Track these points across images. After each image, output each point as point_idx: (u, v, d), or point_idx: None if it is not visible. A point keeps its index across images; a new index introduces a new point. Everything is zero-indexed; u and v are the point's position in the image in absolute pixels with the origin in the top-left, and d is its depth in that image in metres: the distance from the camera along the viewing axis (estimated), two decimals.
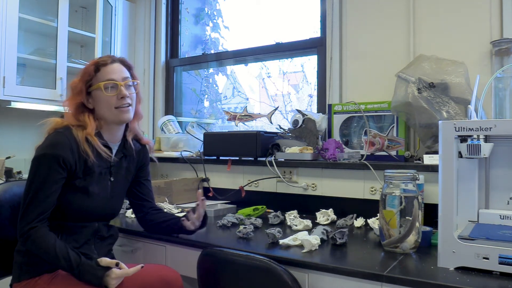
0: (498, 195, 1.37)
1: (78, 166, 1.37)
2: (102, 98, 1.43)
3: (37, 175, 1.32)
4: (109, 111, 1.44)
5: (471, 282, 1.06)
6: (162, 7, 3.00)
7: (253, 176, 2.26)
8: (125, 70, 1.48)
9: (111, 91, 1.43)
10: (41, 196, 1.31)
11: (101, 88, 1.42)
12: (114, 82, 1.43)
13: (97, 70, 1.43)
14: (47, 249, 1.28)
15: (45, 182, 1.31)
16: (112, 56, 1.49)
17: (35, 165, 1.33)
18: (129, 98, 1.45)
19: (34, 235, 1.29)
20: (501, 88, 1.70)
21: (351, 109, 2.05)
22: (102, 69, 1.43)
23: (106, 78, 1.42)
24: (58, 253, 1.28)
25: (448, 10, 1.94)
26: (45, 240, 1.29)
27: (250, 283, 1.29)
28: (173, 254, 1.62)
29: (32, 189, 1.31)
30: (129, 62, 1.52)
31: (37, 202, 1.31)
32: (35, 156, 1.34)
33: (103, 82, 1.42)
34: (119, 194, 1.55)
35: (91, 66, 1.44)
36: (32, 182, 1.32)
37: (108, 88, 1.42)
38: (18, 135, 2.67)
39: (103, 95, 1.42)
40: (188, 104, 3.13)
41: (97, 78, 1.43)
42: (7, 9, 2.28)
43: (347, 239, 1.45)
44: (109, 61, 1.45)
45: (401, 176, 1.38)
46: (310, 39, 2.43)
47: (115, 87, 1.43)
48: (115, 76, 1.43)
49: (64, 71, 2.55)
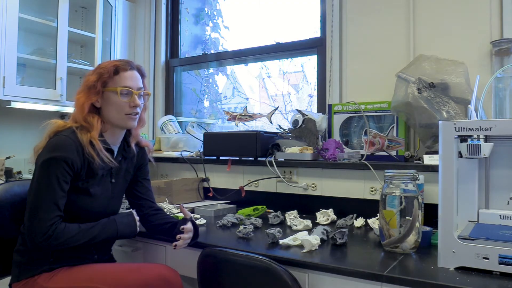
0: (498, 195, 1.37)
1: (83, 168, 1.39)
2: (115, 102, 1.44)
3: (50, 178, 1.31)
4: (118, 115, 1.45)
5: (471, 282, 1.06)
6: (162, 7, 3.00)
7: (253, 176, 2.26)
8: (140, 79, 1.50)
9: (125, 97, 1.44)
10: (55, 199, 1.31)
11: (117, 92, 1.43)
12: (130, 90, 1.44)
13: (116, 73, 1.44)
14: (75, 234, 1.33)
15: (59, 184, 1.32)
16: (131, 62, 1.50)
17: (46, 169, 1.32)
18: (139, 108, 1.48)
19: (56, 230, 1.29)
20: (501, 88, 1.70)
21: (351, 109, 2.05)
22: (122, 73, 1.44)
23: (123, 84, 1.44)
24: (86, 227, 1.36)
25: (448, 10, 1.94)
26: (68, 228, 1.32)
27: (250, 283, 1.29)
28: (173, 254, 1.62)
29: (45, 193, 1.31)
30: (144, 71, 1.54)
31: (53, 205, 1.31)
32: (44, 160, 1.33)
33: (121, 88, 1.43)
34: (118, 194, 1.57)
35: (111, 67, 1.44)
36: (44, 186, 1.31)
37: (124, 94, 1.44)
38: (18, 135, 2.67)
39: (117, 100, 1.43)
40: (188, 104, 3.13)
41: (114, 81, 1.44)
42: (7, 9, 2.28)
43: (347, 239, 1.45)
44: (128, 67, 1.46)
45: (401, 176, 1.38)
46: (310, 39, 2.43)
47: (129, 94, 1.45)
48: (132, 83, 1.45)
49: (64, 71, 2.55)
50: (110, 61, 1.49)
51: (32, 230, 1.29)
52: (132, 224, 1.47)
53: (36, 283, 1.35)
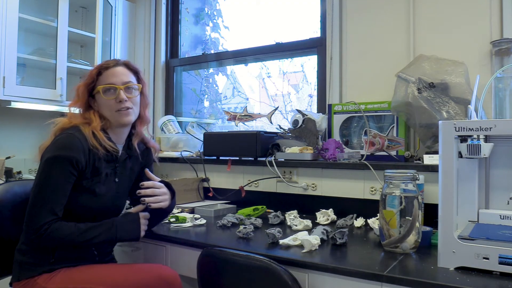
0: (498, 195, 1.37)
1: (88, 167, 1.39)
2: (103, 102, 1.46)
3: (51, 176, 1.32)
4: (110, 113, 1.46)
5: (471, 282, 1.06)
6: (162, 7, 3.00)
7: (253, 176, 2.26)
8: (128, 73, 1.50)
9: (110, 94, 1.45)
10: (56, 197, 1.32)
11: (100, 91, 1.44)
12: (113, 86, 1.44)
13: (99, 74, 1.46)
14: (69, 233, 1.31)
15: (59, 183, 1.33)
16: (117, 60, 1.51)
17: (49, 166, 1.33)
18: (128, 102, 1.47)
19: (49, 229, 1.29)
20: (501, 88, 1.69)
21: (351, 109, 2.05)
22: (104, 72, 1.46)
23: (106, 82, 1.45)
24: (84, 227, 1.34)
25: (448, 10, 1.94)
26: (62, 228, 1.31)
27: (250, 283, 1.29)
28: (173, 254, 1.62)
29: (46, 191, 1.32)
30: (134, 65, 1.54)
31: (52, 203, 1.31)
32: (48, 157, 1.34)
33: (102, 86, 1.44)
34: (122, 193, 1.58)
35: (94, 70, 1.47)
36: (46, 183, 1.32)
37: (107, 92, 1.44)
38: (18, 135, 2.67)
39: (102, 99, 1.45)
40: (188, 104, 3.13)
41: (99, 82, 1.46)
42: (7, 9, 2.28)
43: (347, 239, 1.45)
44: (111, 64, 1.47)
45: (401, 176, 1.38)
46: (310, 39, 2.43)
47: (114, 90, 1.44)
48: (114, 79, 1.45)
49: (64, 71, 2.55)
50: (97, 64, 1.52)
51: (27, 225, 1.31)
52: (134, 231, 1.44)
53: (36, 283, 1.35)
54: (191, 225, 1.81)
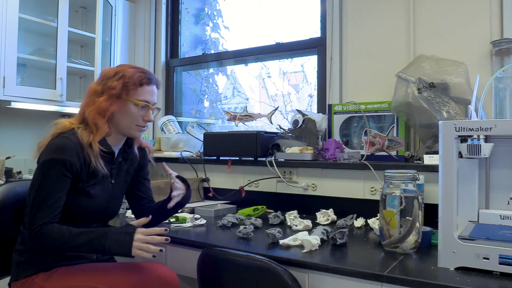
0: (498, 195, 1.37)
1: (83, 169, 1.38)
2: (132, 113, 1.43)
3: (47, 179, 1.32)
4: (129, 125, 1.45)
5: (471, 282, 1.06)
6: (162, 7, 3.00)
7: (253, 176, 2.26)
8: (156, 94, 1.51)
9: (142, 110, 1.44)
10: (51, 200, 1.31)
11: (138, 104, 1.43)
12: (149, 105, 1.45)
13: (140, 85, 1.43)
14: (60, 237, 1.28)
15: (55, 186, 1.32)
16: (152, 75, 1.49)
17: (44, 169, 1.33)
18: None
19: (40, 232, 1.28)
20: (501, 88, 1.69)
21: (351, 109, 2.05)
22: (145, 86, 1.44)
23: (145, 97, 1.44)
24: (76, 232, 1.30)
25: (448, 10, 1.94)
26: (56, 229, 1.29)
27: (250, 283, 1.28)
28: (173, 254, 1.62)
29: (41, 193, 1.31)
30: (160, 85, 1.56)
31: (46, 205, 1.31)
32: (44, 160, 1.33)
33: (142, 102, 1.43)
34: (118, 195, 1.57)
35: (137, 78, 1.42)
36: (41, 186, 1.32)
37: (142, 108, 1.44)
38: (18, 135, 2.67)
39: (134, 111, 1.43)
40: (188, 104, 3.13)
41: (137, 93, 1.43)
42: (7, 9, 2.28)
43: (347, 239, 1.45)
44: (151, 81, 1.47)
45: (401, 176, 1.38)
46: (310, 39, 2.43)
47: (146, 109, 1.45)
48: (151, 98, 1.46)
49: (64, 71, 2.55)
50: (132, 68, 1.45)
51: (23, 226, 1.33)
52: (126, 245, 1.30)
53: (33, 282, 1.35)
54: (191, 225, 1.81)
